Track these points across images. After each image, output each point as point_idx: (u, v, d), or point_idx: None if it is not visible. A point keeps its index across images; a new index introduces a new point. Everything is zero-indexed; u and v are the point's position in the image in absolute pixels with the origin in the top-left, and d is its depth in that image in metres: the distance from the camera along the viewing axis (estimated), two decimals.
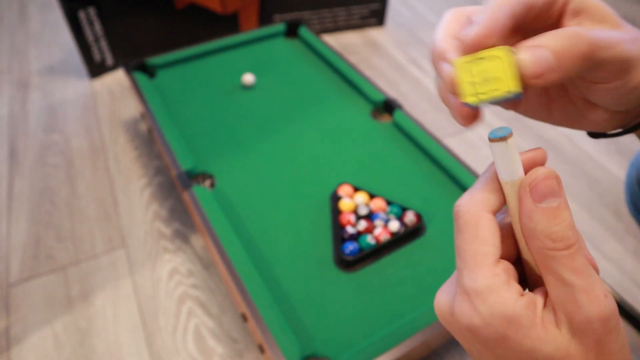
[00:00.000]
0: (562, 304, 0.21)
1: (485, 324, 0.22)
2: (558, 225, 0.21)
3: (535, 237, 0.22)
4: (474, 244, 0.23)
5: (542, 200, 0.21)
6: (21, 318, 0.91)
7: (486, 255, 0.22)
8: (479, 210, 0.23)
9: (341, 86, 1.19)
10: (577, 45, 0.22)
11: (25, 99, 1.45)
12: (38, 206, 1.12)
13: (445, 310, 0.24)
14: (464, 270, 0.23)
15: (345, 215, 0.85)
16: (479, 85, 0.24)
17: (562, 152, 1.28)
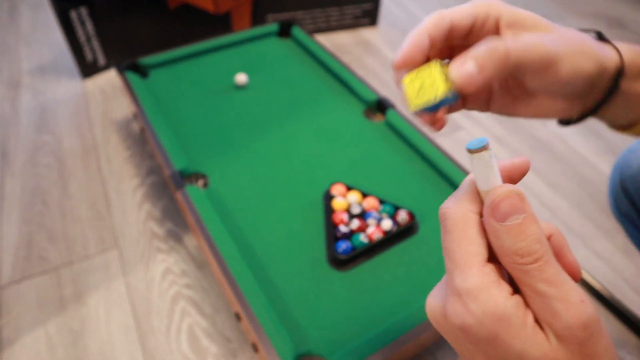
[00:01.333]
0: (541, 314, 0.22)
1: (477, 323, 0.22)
2: (524, 241, 0.22)
3: (504, 253, 0.22)
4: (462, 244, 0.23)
5: (505, 219, 0.22)
6: (13, 319, 0.91)
7: (475, 255, 0.23)
8: (466, 212, 0.24)
9: (334, 86, 1.19)
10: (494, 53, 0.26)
11: (16, 98, 1.44)
12: (30, 207, 1.11)
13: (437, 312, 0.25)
14: (454, 270, 0.23)
15: (338, 214, 0.86)
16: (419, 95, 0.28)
17: (554, 151, 1.29)
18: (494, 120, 1.40)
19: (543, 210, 1.13)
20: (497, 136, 1.34)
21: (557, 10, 1.94)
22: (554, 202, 1.15)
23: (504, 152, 1.29)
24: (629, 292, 0.96)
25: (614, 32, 1.80)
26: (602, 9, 1.95)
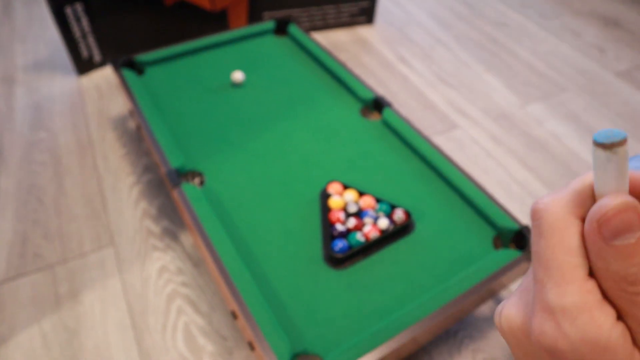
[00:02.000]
0: None
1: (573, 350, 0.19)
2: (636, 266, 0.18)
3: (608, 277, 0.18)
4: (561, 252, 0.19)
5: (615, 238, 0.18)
6: (8, 317, 0.90)
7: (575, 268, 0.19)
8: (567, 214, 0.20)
9: (330, 84, 1.19)
10: None
11: (11, 95, 1.43)
12: (25, 204, 1.11)
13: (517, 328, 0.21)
14: (547, 282, 0.19)
15: (334, 213, 0.86)
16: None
17: (549, 150, 1.30)
18: (489, 119, 1.40)
19: None
20: (493, 135, 1.34)
21: (553, 9, 1.95)
22: None
23: (500, 150, 1.29)
24: None
25: (609, 31, 1.81)
26: (597, 8, 1.96)
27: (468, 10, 1.94)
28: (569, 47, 1.73)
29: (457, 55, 1.67)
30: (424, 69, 1.59)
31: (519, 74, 1.59)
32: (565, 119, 1.41)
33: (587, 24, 1.85)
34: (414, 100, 1.46)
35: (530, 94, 1.50)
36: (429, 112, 1.42)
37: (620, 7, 1.97)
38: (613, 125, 1.38)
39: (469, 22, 1.86)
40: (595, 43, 1.75)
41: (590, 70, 1.61)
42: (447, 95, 1.49)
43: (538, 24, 1.86)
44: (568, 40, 1.76)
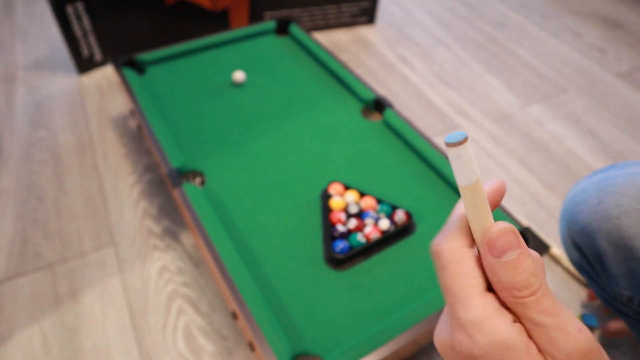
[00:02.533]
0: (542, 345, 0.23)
1: (484, 352, 0.23)
2: (520, 276, 0.23)
3: (502, 288, 0.23)
4: (460, 278, 0.24)
5: (502, 255, 0.23)
6: (7, 316, 0.90)
7: (474, 287, 0.24)
8: (459, 247, 0.25)
9: (331, 84, 1.19)
10: None
11: (11, 93, 1.43)
12: (24, 203, 1.11)
13: (446, 345, 0.25)
14: (455, 304, 0.24)
15: (335, 214, 0.86)
16: None
17: (550, 151, 1.30)
18: (490, 119, 1.40)
19: (539, 210, 1.14)
20: (493, 136, 1.34)
21: (554, 10, 1.95)
22: (550, 202, 1.15)
23: (500, 151, 1.29)
24: None
25: (610, 32, 1.81)
26: (598, 9, 1.96)
27: (468, 10, 1.94)
28: (569, 48, 1.73)
29: (457, 55, 1.67)
30: (425, 70, 1.59)
31: (520, 75, 1.59)
32: (565, 120, 1.41)
33: (587, 25, 1.85)
34: (414, 100, 1.46)
35: (530, 94, 1.50)
36: (430, 112, 1.42)
37: (621, 8, 1.97)
38: (614, 126, 1.38)
39: (470, 22, 1.86)
40: (595, 44, 1.75)
41: (591, 71, 1.61)
42: (448, 95, 1.49)
43: (538, 25, 1.86)
44: (568, 41, 1.76)
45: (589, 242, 0.58)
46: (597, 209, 0.57)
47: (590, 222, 0.57)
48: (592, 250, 0.59)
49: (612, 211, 0.55)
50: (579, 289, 0.97)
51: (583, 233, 0.59)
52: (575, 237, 0.61)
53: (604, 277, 0.59)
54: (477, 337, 0.23)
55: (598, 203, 0.56)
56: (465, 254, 0.25)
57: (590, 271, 0.62)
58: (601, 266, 0.58)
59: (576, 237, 0.61)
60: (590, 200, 0.58)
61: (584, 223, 0.58)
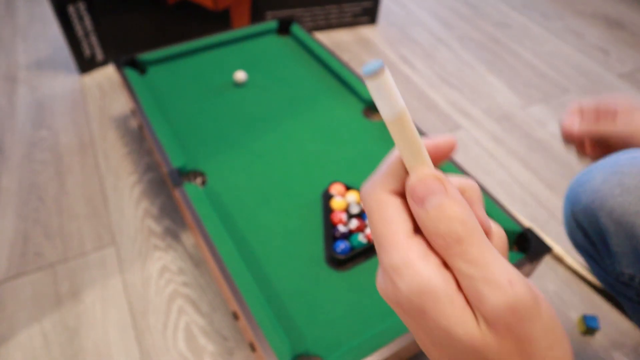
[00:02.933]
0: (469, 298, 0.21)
1: (405, 298, 0.22)
2: (443, 223, 0.21)
3: (429, 236, 0.22)
4: (383, 224, 0.23)
5: (423, 203, 0.22)
6: (8, 316, 0.90)
7: (397, 233, 0.23)
8: (380, 193, 0.24)
9: (333, 84, 1.19)
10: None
11: (13, 93, 1.43)
12: (26, 203, 1.11)
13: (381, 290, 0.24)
14: (379, 250, 0.23)
15: (336, 214, 0.85)
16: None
17: (551, 151, 1.30)
18: (491, 119, 1.40)
19: (540, 210, 1.13)
20: (495, 136, 1.34)
21: (556, 10, 1.94)
22: (551, 202, 1.15)
23: (501, 151, 1.29)
24: None
25: (613, 33, 1.80)
26: (601, 9, 1.95)
27: (470, 10, 1.93)
28: (571, 48, 1.72)
29: (459, 55, 1.67)
30: (426, 70, 1.59)
31: (521, 75, 1.58)
32: None
33: (590, 25, 1.85)
34: (416, 100, 1.46)
35: (532, 94, 1.50)
36: (431, 112, 1.42)
37: (623, 9, 1.96)
38: None
39: (472, 22, 1.86)
40: (598, 44, 1.74)
41: (593, 71, 1.61)
42: (449, 95, 1.48)
43: (540, 25, 1.85)
44: (571, 41, 1.76)
45: (592, 221, 0.59)
46: (600, 188, 0.58)
47: (593, 200, 0.58)
48: (595, 229, 0.59)
49: (614, 189, 0.56)
50: (581, 289, 0.96)
51: (586, 212, 0.60)
52: (579, 216, 0.62)
53: (606, 257, 0.60)
54: (398, 282, 0.22)
55: (602, 182, 0.58)
56: (389, 200, 0.24)
57: (593, 252, 0.63)
58: (603, 245, 0.59)
59: (579, 217, 0.62)
60: (594, 181, 0.59)
61: (587, 202, 0.59)
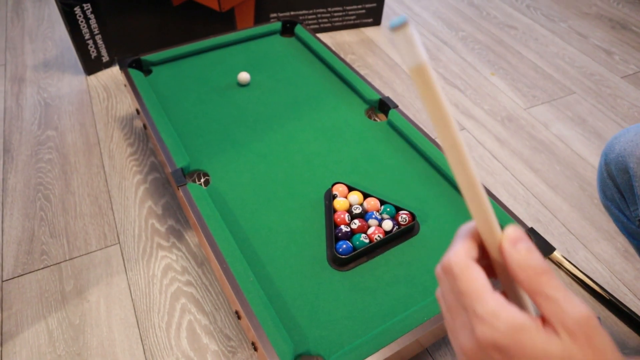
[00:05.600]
0: (553, 316, 0.26)
1: (506, 336, 0.26)
2: (534, 260, 0.28)
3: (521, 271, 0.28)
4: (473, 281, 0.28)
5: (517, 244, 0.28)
6: (14, 314, 0.91)
7: (485, 286, 0.28)
8: (466, 258, 0.29)
9: (336, 85, 1.20)
10: None
11: (20, 93, 1.45)
12: (32, 202, 1.12)
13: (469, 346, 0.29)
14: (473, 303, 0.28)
15: (339, 214, 0.86)
16: None
17: (555, 152, 1.30)
18: (495, 121, 1.40)
19: (543, 211, 1.13)
20: (498, 137, 1.34)
21: (560, 11, 1.94)
22: (555, 204, 1.15)
23: (505, 152, 1.29)
24: (628, 295, 0.96)
25: (617, 34, 1.80)
26: (604, 10, 1.95)
27: (474, 11, 1.93)
28: (575, 49, 1.72)
29: (463, 56, 1.67)
30: None
31: (525, 76, 1.58)
32: (571, 122, 1.40)
33: (594, 27, 1.84)
34: (419, 101, 1.46)
35: (536, 96, 1.50)
36: None
37: (628, 10, 1.96)
38: (619, 128, 1.38)
39: (475, 23, 1.86)
40: (602, 46, 1.74)
41: (597, 72, 1.61)
42: (453, 96, 1.49)
43: (544, 26, 1.85)
44: (575, 42, 1.76)
45: (622, 168, 0.70)
46: (632, 139, 0.69)
47: (625, 148, 0.69)
48: (624, 175, 0.70)
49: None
50: (581, 294, 0.96)
51: (618, 159, 0.70)
52: (611, 165, 0.72)
53: (631, 204, 0.70)
54: (497, 324, 0.27)
55: (635, 134, 0.69)
56: (473, 263, 0.29)
57: (620, 202, 0.73)
58: (630, 191, 0.69)
59: (611, 166, 0.72)
60: (629, 134, 0.70)
61: (619, 150, 0.70)
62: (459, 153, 0.27)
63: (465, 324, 0.29)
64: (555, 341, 0.26)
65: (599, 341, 0.26)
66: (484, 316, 0.27)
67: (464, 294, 0.29)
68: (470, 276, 0.29)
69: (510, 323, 0.27)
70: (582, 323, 0.26)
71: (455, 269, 0.29)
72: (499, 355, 0.27)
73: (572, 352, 0.26)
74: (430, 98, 0.26)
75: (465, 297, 0.28)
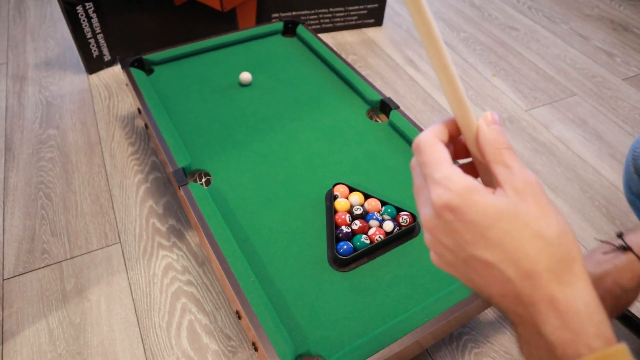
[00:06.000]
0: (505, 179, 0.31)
1: (457, 195, 0.30)
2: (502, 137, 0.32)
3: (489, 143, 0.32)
4: (434, 154, 0.32)
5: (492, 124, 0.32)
6: (15, 312, 0.92)
7: (444, 158, 0.32)
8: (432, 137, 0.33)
9: (338, 86, 1.20)
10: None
11: (22, 92, 1.45)
12: (33, 200, 1.12)
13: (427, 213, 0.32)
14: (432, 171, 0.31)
15: (340, 215, 0.86)
16: None
17: (556, 155, 1.30)
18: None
19: None
20: None
21: (562, 13, 1.94)
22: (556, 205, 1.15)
23: None
24: None
25: (618, 36, 1.80)
26: (606, 12, 1.95)
27: (476, 13, 1.93)
28: (577, 51, 1.72)
29: (464, 58, 1.67)
30: (432, 72, 1.59)
31: (527, 78, 1.58)
32: (572, 124, 1.40)
33: (595, 29, 1.84)
34: (421, 102, 1.46)
35: (537, 97, 1.50)
36: (436, 115, 1.42)
37: (629, 12, 1.96)
38: (621, 130, 1.38)
39: (477, 25, 1.86)
40: (603, 48, 1.74)
41: (599, 74, 1.61)
42: None
43: (546, 28, 1.85)
44: (576, 44, 1.76)
45: None
46: None
47: None
48: None
49: None
50: None
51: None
52: (638, 160, 0.74)
53: None
54: (450, 185, 0.30)
55: None
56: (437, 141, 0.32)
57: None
58: None
59: (639, 160, 0.74)
60: None
61: None
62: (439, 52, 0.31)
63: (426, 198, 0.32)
64: (503, 199, 0.30)
65: (543, 199, 0.30)
66: (439, 180, 0.30)
67: (425, 164, 0.32)
68: (432, 149, 0.32)
69: (462, 185, 0.30)
70: (529, 184, 0.30)
71: (421, 144, 0.33)
72: (451, 216, 0.30)
73: (518, 206, 0.29)
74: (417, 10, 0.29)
75: (426, 166, 0.32)
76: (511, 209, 0.29)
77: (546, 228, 0.29)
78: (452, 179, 0.30)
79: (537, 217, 0.29)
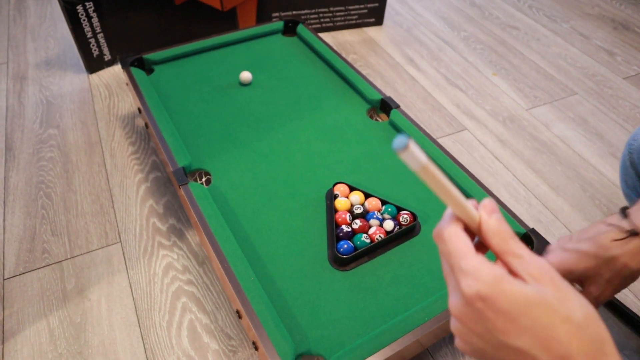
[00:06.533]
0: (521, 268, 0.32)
1: (488, 285, 0.30)
2: (504, 226, 0.33)
3: (494, 235, 0.33)
4: (459, 244, 0.33)
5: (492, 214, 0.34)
6: (16, 312, 0.92)
7: (469, 248, 0.33)
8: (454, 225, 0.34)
9: (338, 85, 1.20)
10: None
11: (22, 92, 1.45)
12: (34, 200, 1.12)
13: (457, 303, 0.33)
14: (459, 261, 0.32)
15: (340, 214, 0.86)
16: None
17: (557, 154, 1.29)
18: (496, 121, 1.40)
19: (545, 212, 1.13)
20: (500, 138, 1.34)
21: (563, 12, 1.94)
22: (556, 205, 1.15)
23: (506, 153, 1.29)
24: (629, 295, 0.96)
25: (619, 35, 1.80)
26: (606, 11, 1.94)
27: (476, 12, 1.93)
28: (577, 50, 1.72)
29: (465, 57, 1.67)
30: (432, 71, 1.59)
31: (527, 77, 1.58)
32: (572, 123, 1.40)
33: (596, 27, 1.84)
34: (421, 102, 1.46)
35: (537, 96, 1.50)
36: (437, 114, 1.42)
37: (630, 11, 1.95)
38: (621, 129, 1.38)
39: (478, 24, 1.86)
40: (604, 47, 1.74)
41: (599, 73, 1.60)
42: (455, 97, 1.49)
43: (547, 27, 1.85)
44: (577, 43, 1.76)
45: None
46: None
47: None
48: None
49: None
50: None
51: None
52: (634, 154, 0.76)
53: None
54: (479, 275, 0.31)
55: None
56: (459, 229, 0.34)
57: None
58: None
59: (634, 154, 0.76)
60: None
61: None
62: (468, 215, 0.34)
63: (454, 286, 0.33)
64: (528, 286, 0.31)
65: (561, 282, 0.31)
66: (468, 270, 0.31)
67: (451, 254, 0.33)
68: (456, 239, 0.33)
69: (491, 274, 0.31)
70: (545, 270, 0.31)
71: (444, 233, 0.34)
72: (482, 304, 0.31)
73: (541, 293, 0.30)
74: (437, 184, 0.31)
75: (452, 256, 0.33)
76: (537, 296, 0.30)
77: (573, 312, 0.30)
78: (481, 269, 0.31)
79: (561, 302, 0.30)
